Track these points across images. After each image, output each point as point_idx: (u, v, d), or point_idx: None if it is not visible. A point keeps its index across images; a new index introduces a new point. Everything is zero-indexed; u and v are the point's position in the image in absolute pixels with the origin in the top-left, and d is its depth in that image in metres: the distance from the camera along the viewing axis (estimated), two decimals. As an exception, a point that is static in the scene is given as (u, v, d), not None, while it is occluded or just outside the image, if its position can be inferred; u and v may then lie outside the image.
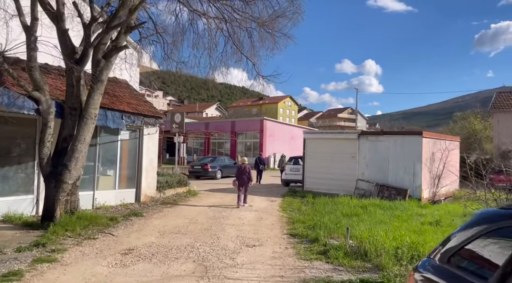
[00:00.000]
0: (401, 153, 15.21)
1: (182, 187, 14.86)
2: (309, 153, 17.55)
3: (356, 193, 15.62)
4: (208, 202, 13.28)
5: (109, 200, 10.98)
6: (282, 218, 10.68)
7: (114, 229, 8.11)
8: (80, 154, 7.88)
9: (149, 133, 12.21)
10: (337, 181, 16.54)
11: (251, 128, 37.57)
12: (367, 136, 16.15)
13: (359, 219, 10.87)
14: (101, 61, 8.15)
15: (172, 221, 9.44)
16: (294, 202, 13.70)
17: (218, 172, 23.96)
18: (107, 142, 11.06)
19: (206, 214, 10.76)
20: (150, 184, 12.33)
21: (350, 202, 13.35)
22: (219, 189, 17.71)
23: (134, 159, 11.92)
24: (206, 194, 15.41)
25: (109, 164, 11.22)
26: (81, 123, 7.94)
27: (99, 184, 10.79)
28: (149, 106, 12.51)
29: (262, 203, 13.66)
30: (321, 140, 17.40)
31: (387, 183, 15.35)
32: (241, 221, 9.86)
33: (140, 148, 11.99)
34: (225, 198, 14.40)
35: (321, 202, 13.39)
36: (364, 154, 16.07)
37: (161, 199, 12.89)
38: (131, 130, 11.79)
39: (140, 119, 11.45)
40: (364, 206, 12.79)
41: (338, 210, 12.04)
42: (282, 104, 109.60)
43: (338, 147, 16.79)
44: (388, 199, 14.55)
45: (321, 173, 16.99)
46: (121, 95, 12.00)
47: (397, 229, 8.36)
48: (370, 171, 15.91)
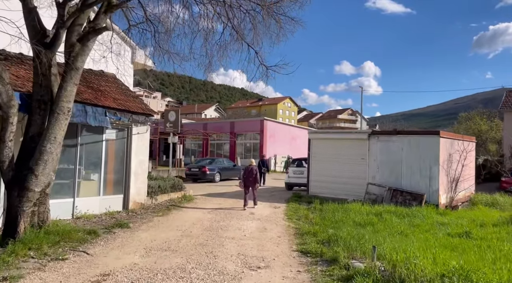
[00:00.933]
0: (416, 155, 13.93)
1: (177, 192, 13.55)
2: (315, 154, 16.27)
3: (367, 198, 14.33)
4: (204, 209, 11.97)
5: (92, 208, 9.67)
6: (288, 228, 9.38)
7: (91, 245, 6.79)
8: (49, 156, 6.58)
9: (138, 133, 10.91)
10: (346, 185, 15.26)
11: (251, 129, 36.28)
12: (378, 136, 14.87)
13: (374, 229, 9.63)
14: (76, 45, 6.86)
15: (162, 234, 8.13)
16: (300, 209, 12.40)
17: (217, 175, 22.64)
18: (89, 142, 9.75)
19: (201, 224, 9.46)
20: (140, 189, 11.02)
21: (362, 209, 12.09)
22: (217, 194, 16.40)
23: (121, 162, 10.62)
24: (203, 200, 14.10)
25: (92, 168, 9.91)
26: (51, 119, 6.64)
27: (80, 190, 9.48)
28: (139, 102, 11.21)
29: (265, 210, 12.36)
30: (327, 141, 16.11)
31: (400, 187, 14.06)
32: (242, 233, 8.55)
33: (129, 149, 10.69)
34: (223, 204, 13.10)
35: (329, 209, 12.12)
36: (375, 155, 14.79)
37: (152, 206, 11.58)
38: (118, 129, 10.48)
39: (128, 116, 10.14)
40: (378, 214, 11.53)
41: (349, 218, 10.80)
42: (282, 105, 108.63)
43: (346, 148, 15.51)
44: (403, 205, 13.27)
45: (328, 176, 15.71)
46: (107, 90, 10.70)
47: (428, 245, 7.07)
48: (381, 174, 14.63)
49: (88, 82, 10.44)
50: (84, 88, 9.85)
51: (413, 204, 13.28)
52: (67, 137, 9.01)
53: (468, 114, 47.81)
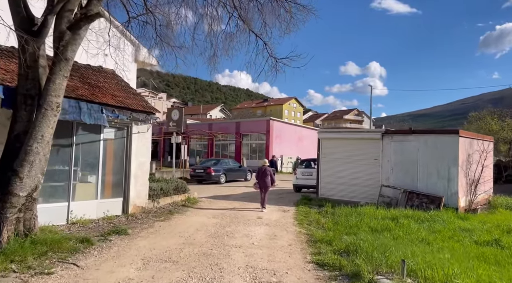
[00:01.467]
0: (433, 155, 13.14)
1: (180, 194, 12.87)
2: (325, 155, 15.52)
3: (381, 201, 13.56)
4: (209, 212, 11.28)
5: (89, 212, 9.01)
6: (300, 235, 8.65)
7: (83, 255, 6.11)
8: (36, 157, 5.91)
9: (139, 132, 10.24)
10: (358, 187, 14.49)
11: (257, 129, 35.57)
12: (392, 136, 14.09)
13: (392, 235, 8.88)
14: (66, 34, 6.19)
15: (162, 242, 7.43)
16: (310, 213, 11.66)
17: (222, 176, 21.96)
18: (86, 141, 9.09)
19: (206, 229, 8.76)
20: (141, 192, 10.35)
21: (377, 213, 11.34)
22: (223, 196, 15.71)
23: (120, 163, 9.95)
24: (208, 202, 13.41)
25: (89, 169, 9.25)
26: (38, 115, 5.98)
27: (76, 193, 8.82)
28: (139, 100, 10.54)
29: (273, 213, 11.64)
30: (338, 141, 15.35)
31: (416, 189, 13.28)
32: (249, 240, 7.84)
33: (128, 150, 10.02)
34: (229, 207, 12.39)
35: (342, 213, 11.38)
36: (389, 156, 14.01)
37: (154, 209, 10.90)
38: (117, 128, 9.82)
39: (127, 114, 9.47)
40: (395, 218, 10.78)
41: (364, 223, 10.08)
42: (287, 105, 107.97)
43: (358, 148, 14.74)
44: (419, 208, 12.49)
45: (339, 178, 14.95)
46: (106, 86, 10.05)
47: (458, 256, 6.32)
48: (396, 175, 13.85)
49: (85, 77, 9.80)
50: (80, 84, 9.21)
51: (431, 207, 12.49)
52: (62, 136, 8.38)
53: (478, 114, 46.68)
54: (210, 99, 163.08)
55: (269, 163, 21.83)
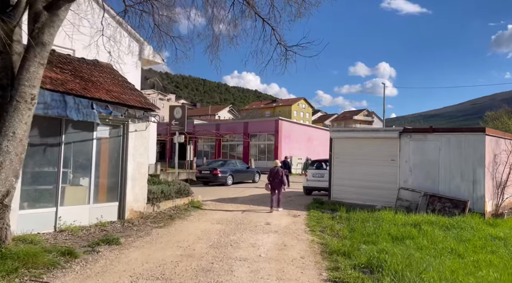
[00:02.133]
0: (456, 155, 12.11)
1: (183, 197, 12.02)
2: (337, 155, 14.55)
3: (399, 205, 12.56)
4: (213, 217, 10.41)
5: (80, 218, 8.19)
6: (313, 244, 7.72)
7: (62, 272, 5.27)
8: (7, 157, 5.11)
9: (136, 130, 9.41)
10: (373, 190, 13.51)
11: (266, 129, 34.66)
12: (411, 135, 13.07)
13: (416, 245, 7.93)
14: (42, 14, 5.37)
15: (157, 253, 6.57)
16: (323, 218, 10.73)
17: (229, 178, 21.10)
18: (77, 140, 8.28)
19: (208, 238, 7.88)
20: (138, 195, 9.51)
21: (396, 218, 10.37)
22: (229, 199, 14.83)
23: (116, 164, 9.13)
24: (213, 206, 12.55)
25: (81, 171, 8.44)
26: (8, 108, 5.17)
27: (65, 197, 8.00)
28: (137, 96, 9.72)
29: (282, 218, 10.72)
30: (352, 140, 14.37)
31: (438, 192, 12.25)
32: (256, 251, 6.94)
33: (125, 150, 9.20)
34: (235, 212, 11.51)
35: (358, 218, 10.46)
36: (407, 156, 13.00)
37: (153, 214, 10.06)
38: (112, 126, 9.00)
39: (122, 110, 8.64)
40: (416, 224, 9.81)
41: (382, 230, 9.14)
42: (296, 106, 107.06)
43: (374, 148, 13.75)
44: (442, 213, 11.48)
45: (352, 179, 13.98)
46: (100, 81, 9.24)
47: (504, 273, 5.35)
48: (415, 177, 12.83)
49: (78, 71, 9.01)
50: (71, 77, 8.42)
51: (455, 212, 11.46)
52: (48, 135, 7.59)
53: (495, 113, 45.26)
54: (218, 100, 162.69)
55: (282, 164, 21.00)
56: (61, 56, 9.24)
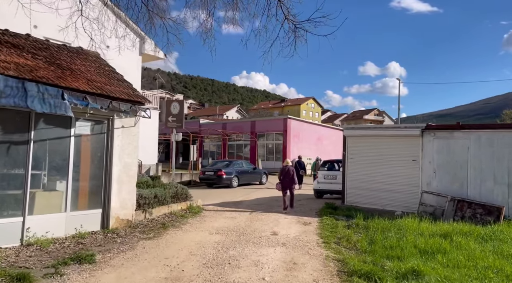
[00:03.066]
0: (488, 155, 10.72)
1: (180, 202, 10.81)
2: (352, 155, 13.21)
3: (421, 210, 11.20)
4: (213, 226, 9.17)
5: (54, 229, 7.01)
6: (328, 262, 6.42)
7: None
8: None
9: (123, 126, 8.21)
10: (392, 193, 12.17)
11: (274, 129, 33.36)
12: (435, 132, 11.70)
13: (451, 262, 6.59)
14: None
15: (137, 276, 5.34)
16: (337, 227, 9.41)
17: (234, 179, 19.85)
18: (51, 138, 7.10)
19: (203, 253, 6.63)
20: (126, 201, 8.30)
21: (421, 228, 9.04)
22: (232, 203, 13.58)
23: (99, 165, 7.93)
24: (214, 212, 11.30)
25: (55, 173, 7.24)
26: None
27: (35, 204, 6.82)
28: (125, 87, 8.51)
29: (291, 227, 9.43)
30: (368, 138, 13.02)
31: (466, 197, 10.87)
32: (259, 272, 5.67)
33: (109, 148, 7.99)
34: (238, 219, 10.25)
35: (377, 227, 9.15)
36: (431, 156, 11.64)
37: (144, 223, 8.84)
38: (95, 121, 7.80)
39: (105, 103, 7.43)
40: (447, 235, 8.46)
41: (407, 242, 7.84)
42: (305, 106, 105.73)
43: (392, 147, 12.40)
44: (472, 220, 10.11)
45: (369, 182, 12.65)
46: (82, 70, 8.06)
47: None
48: (439, 180, 11.47)
49: (55, 58, 7.83)
50: (44, 64, 7.24)
51: (488, 220, 10.07)
52: (13, 130, 6.42)
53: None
54: (227, 100, 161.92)
55: (297, 164, 19.84)
56: (37, 41, 8.08)
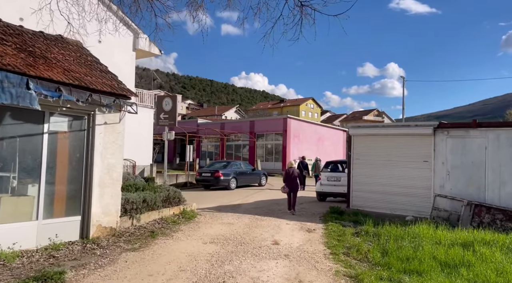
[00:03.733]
0: (508, 155, 9.86)
1: (173, 206, 9.90)
2: (358, 155, 12.33)
3: (435, 215, 10.32)
4: (207, 233, 8.26)
5: (23, 240, 6.09)
6: (339, 279, 5.53)
7: None
8: None
9: (106, 123, 7.30)
10: (401, 197, 11.29)
11: (273, 129, 32.46)
12: (449, 131, 10.82)
13: (478, 277, 5.73)
14: None
15: (112, 299, 4.43)
16: (345, 234, 8.51)
17: (232, 181, 18.95)
18: (20, 135, 6.18)
19: (194, 268, 5.73)
20: (109, 206, 7.39)
21: (438, 235, 8.18)
22: (230, 207, 12.68)
23: (78, 166, 7.02)
24: (209, 217, 10.39)
25: (25, 175, 6.32)
26: None
27: (0, 212, 5.90)
28: (109, 79, 7.59)
29: (294, 234, 8.53)
30: (376, 138, 12.13)
31: (484, 201, 10.00)
32: (259, 293, 4.77)
33: (90, 147, 7.08)
34: (236, 225, 9.35)
35: (389, 234, 8.29)
36: (444, 157, 10.77)
37: (130, 230, 7.93)
38: (73, 117, 6.89)
39: (83, 95, 6.51)
40: (467, 244, 7.61)
41: (425, 252, 6.98)
42: (304, 106, 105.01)
43: (402, 147, 11.52)
44: (492, 227, 9.24)
45: (376, 185, 11.77)
46: (59, 58, 7.15)
47: None
48: (454, 182, 10.59)
49: (28, 45, 6.92)
50: (14, 51, 6.32)
51: (509, 226, 9.22)
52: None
53: (517, 111, 42.88)
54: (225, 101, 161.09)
55: (301, 165, 19.10)
56: (9, 27, 7.17)
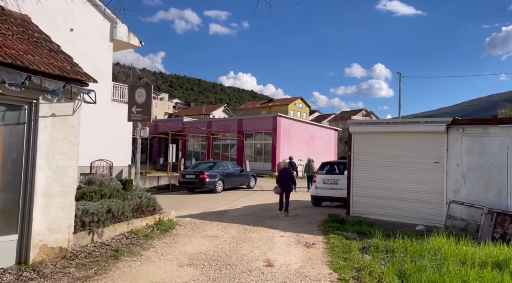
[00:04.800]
0: (536, 156, 8.57)
1: (146, 216, 8.36)
2: (359, 156, 10.95)
3: (449, 224, 9.01)
4: (185, 251, 6.75)
5: None
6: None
7: None
8: None
9: (55, 114, 5.73)
10: (409, 203, 9.95)
11: (262, 127, 31.01)
12: (464, 128, 9.50)
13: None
14: None
15: None
16: (351, 250, 7.09)
17: (219, 183, 17.43)
18: None
19: (161, 310, 4.22)
20: (58, 221, 5.81)
21: (462, 252, 6.87)
22: (216, 214, 11.17)
23: (14, 170, 5.43)
24: (190, 228, 8.87)
25: None
26: None
27: None
28: (59, 60, 6.01)
29: (290, 251, 7.07)
30: (380, 136, 10.76)
31: (506, 208, 8.71)
32: None
33: (32, 146, 5.51)
34: (221, 238, 7.85)
35: (403, 250, 6.95)
36: (459, 157, 9.46)
37: (88, 249, 6.36)
38: (6, 106, 5.31)
39: (17, 77, 4.94)
40: (501, 264, 6.30)
41: (452, 275, 5.64)
42: (293, 106, 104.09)
43: (410, 147, 10.18)
44: (518, 239, 7.93)
45: (380, 189, 10.41)
46: (-8, 32, 5.55)
47: None
48: (470, 187, 9.28)
49: None
50: None
51: (539, 238, 7.91)
52: None
53: (510, 111, 42.51)
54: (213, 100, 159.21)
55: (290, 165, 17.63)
56: None
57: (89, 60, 16.57)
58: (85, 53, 16.42)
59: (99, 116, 14.97)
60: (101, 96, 15.37)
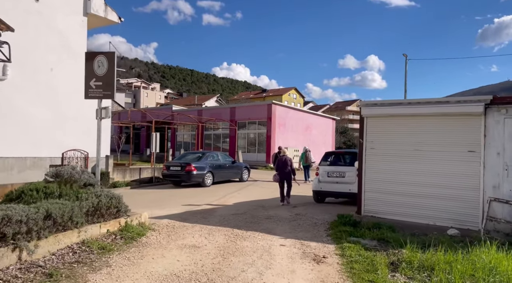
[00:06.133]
0: None
1: (107, 220, 6.45)
2: (373, 144, 9.07)
3: (491, 228, 7.22)
4: (154, 273, 4.86)
5: None
6: None
7: None
8: None
9: None
10: (436, 200, 8.10)
11: (256, 116, 29.07)
12: (508, 108, 7.64)
13: None
14: None
15: None
16: (377, 269, 5.24)
17: (208, 176, 15.53)
18: None
19: None
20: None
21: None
22: (201, 212, 9.27)
23: None
24: (166, 234, 6.97)
25: None
26: None
27: None
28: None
29: (295, 271, 5.19)
30: (399, 120, 8.86)
31: None
32: None
33: None
34: (203, 249, 5.95)
35: (448, 269, 5.10)
36: (501, 145, 7.63)
37: (10, 273, 4.44)
38: None
39: None
40: None
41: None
42: (287, 96, 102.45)
43: (436, 133, 8.31)
44: None
45: (399, 183, 8.55)
46: None
47: None
48: (515, 181, 7.47)
49: None
50: None
51: None
52: None
53: None
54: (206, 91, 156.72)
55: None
56: None
57: (59, 36, 14.50)
58: (54, 28, 14.33)
59: (72, 98, 12.96)
60: (74, 77, 13.35)
